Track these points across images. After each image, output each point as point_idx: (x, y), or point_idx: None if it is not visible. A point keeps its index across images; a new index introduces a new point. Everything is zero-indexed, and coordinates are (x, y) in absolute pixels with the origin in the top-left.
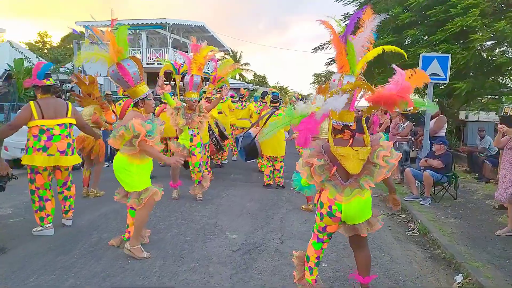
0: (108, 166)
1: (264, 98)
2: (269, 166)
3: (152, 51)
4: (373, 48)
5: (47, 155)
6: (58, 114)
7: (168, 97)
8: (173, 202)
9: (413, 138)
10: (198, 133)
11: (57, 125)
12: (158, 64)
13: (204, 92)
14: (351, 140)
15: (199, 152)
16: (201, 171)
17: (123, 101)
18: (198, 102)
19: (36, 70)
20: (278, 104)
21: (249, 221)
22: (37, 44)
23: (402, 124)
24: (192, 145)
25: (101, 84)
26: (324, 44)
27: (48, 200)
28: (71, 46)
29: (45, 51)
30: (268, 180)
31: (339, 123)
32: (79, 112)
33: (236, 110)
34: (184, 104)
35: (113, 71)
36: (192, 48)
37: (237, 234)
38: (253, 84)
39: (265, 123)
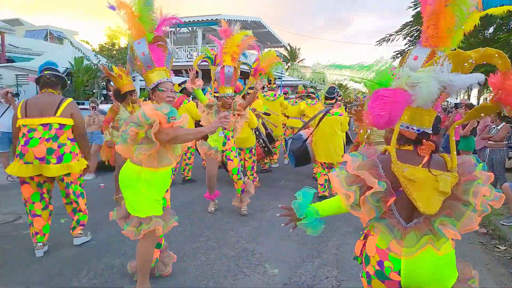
0: None
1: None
2: (324, 175)
3: (208, 48)
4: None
5: (24, 163)
6: (44, 112)
7: (199, 93)
8: (208, 216)
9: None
10: (232, 137)
11: (41, 125)
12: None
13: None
14: (426, 158)
15: (236, 157)
16: (241, 177)
17: (176, 97)
18: (233, 99)
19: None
20: (334, 100)
21: (296, 248)
22: (106, 45)
23: (495, 125)
24: (226, 149)
25: None
26: (391, 35)
27: (37, 216)
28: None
29: (114, 52)
30: (323, 191)
31: (413, 128)
32: (81, 115)
33: (289, 107)
34: (218, 101)
35: (128, 53)
36: (221, 33)
37: (279, 268)
38: (310, 82)
39: (318, 124)
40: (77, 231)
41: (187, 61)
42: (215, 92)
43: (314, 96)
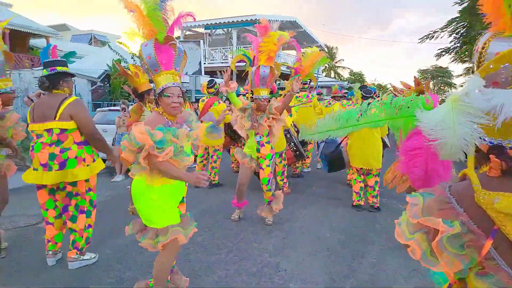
0: None
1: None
2: (360, 182)
3: (246, 49)
4: None
5: (33, 169)
6: (46, 116)
7: (233, 97)
8: (231, 225)
9: None
10: (268, 142)
11: (45, 130)
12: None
13: (282, 89)
14: None
15: (268, 166)
16: (271, 189)
17: (206, 98)
18: (269, 101)
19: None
20: (371, 101)
21: (326, 265)
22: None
23: None
24: (260, 156)
25: (186, 83)
26: (434, 32)
27: (49, 224)
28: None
29: None
30: (358, 200)
31: (502, 143)
32: (84, 114)
33: (323, 109)
34: (252, 103)
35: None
36: (259, 29)
37: None
38: (348, 82)
39: None
40: (71, 254)
41: (222, 63)
42: (251, 95)
43: (350, 97)
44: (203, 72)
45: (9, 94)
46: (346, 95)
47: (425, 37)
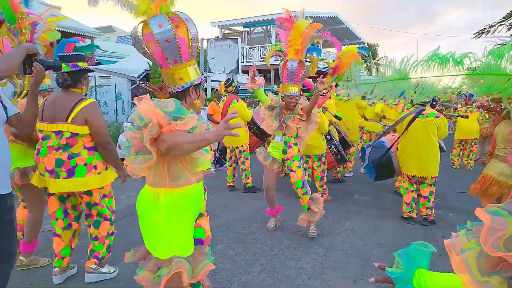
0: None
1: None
2: (412, 191)
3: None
4: None
5: (39, 175)
6: (57, 117)
7: (260, 94)
8: (266, 236)
9: None
10: (295, 144)
11: (54, 132)
12: (275, 60)
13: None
14: None
15: (299, 167)
16: (307, 192)
17: (226, 97)
18: (297, 99)
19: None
20: (428, 99)
21: None
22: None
23: None
24: (287, 158)
25: (219, 82)
26: (491, 26)
27: (56, 236)
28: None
29: (197, 56)
30: (409, 212)
31: None
32: (101, 121)
33: (367, 108)
34: (282, 102)
35: (134, 33)
36: (284, 22)
37: None
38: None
39: (406, 128)
40: (89, 264)
41: (260, 61)
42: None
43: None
44: (240, 71)
45: (46, 92)
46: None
47: (481, 31)
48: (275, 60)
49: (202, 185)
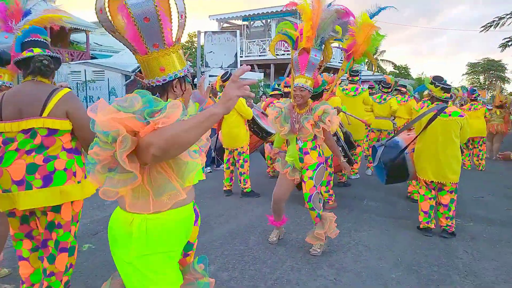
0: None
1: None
2: (430, 199)
3: (282, 42)
4: None
5: (2, 191)
6: (25, 111)
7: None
8: (267, 254)
9: None
10: (313, 148)
11: (21, 132)
12: (288, 54)
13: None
14: None
15: (311, 178)
16: (314, 208)
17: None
18: (312, 93)
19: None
20: (449, 95)
21: None
22: (186, 44)
23: None
24: (303, 166)
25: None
26: (500, 18)
27: (23, 260)
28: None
29: (193, 50)
30: (427, 222)
31: None
32: (85, 113)
33: (375, 105)
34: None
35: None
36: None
37: None
38: (393, 76)
39: (425, 128)
40: None
41: (259, 56)
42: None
43: (405, 90)
44: (239, 65)
45: None
46: (404, 88)
47: (489, 24)
48: (288, 54)
49: (193, 207)
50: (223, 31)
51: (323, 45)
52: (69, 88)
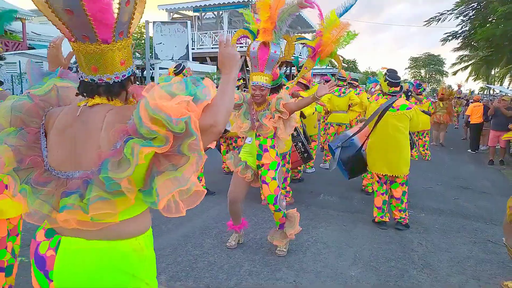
0: None
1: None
2: (382, 194)
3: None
4: None
5: None
6: None
7: None
8: (223, 259)
9: None
10: (272, 147)
11: None
12: (240, 47)
13: (285, 76)
14: None
15: (274, 178)
16: (280, 209)
17: None
18: (263, 90)
19: None
20: (399, 88)
21: None
22: (135, 35)
23: None
24: (261, 165)
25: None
26: (442, 14)
27: None
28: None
29: (143, 41)
30: (382, 216)
31: None
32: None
33: (333, 99)
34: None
35: None
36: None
37: None
38: (333, 67)
39: (377, 123)
40: None
41: (212, 48)
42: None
43: (357, 83)
44: (190, 58)
45: None
46: (356, 82)
47: (431, 19)
48: (240, 47)
49: None
50: (173, 22)
51: (282, 39)
52: (1, 82)
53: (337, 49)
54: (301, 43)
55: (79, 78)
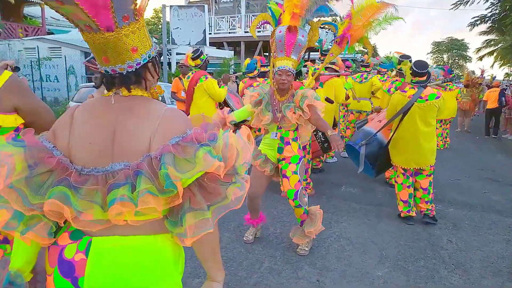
0: None
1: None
2: (408, 187)
3: (252, 18)
4: None
5: None
6: None
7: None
8: (242, 255)
9: None
10: (295, 139)
11: None
12: (257, 32)
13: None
14: None
15: (296, 172)
16: (301, 205)
17: (192, 73)
18: (295, 77)
19: None
20: (426, 77)
21: None
22: (152, 20)
23: None
24: (283, 159)
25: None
26: None
27: None
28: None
29: (160, 26)
30: (408, 211)
31: None
32: (38, 100)
33: (355, 85)
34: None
35: None
36: None
37: None
38: (361, 55)
39: (402, 118)
40: None
41: (229, 33)
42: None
43: (385, 70)
44: (208, 43)
45: None
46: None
47: (459, 2)
48: (258, 32)
49: None
50: (190, 6)
51: (308, 26)
52: (17, 67)
53: (367, 33)
54: (327, 29)
55: (98, 69)
